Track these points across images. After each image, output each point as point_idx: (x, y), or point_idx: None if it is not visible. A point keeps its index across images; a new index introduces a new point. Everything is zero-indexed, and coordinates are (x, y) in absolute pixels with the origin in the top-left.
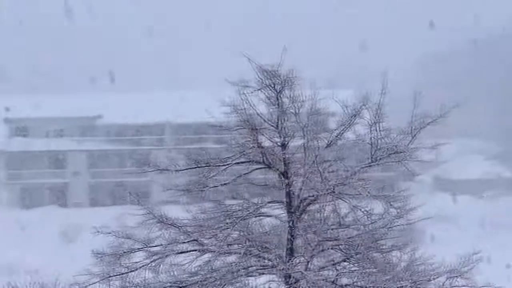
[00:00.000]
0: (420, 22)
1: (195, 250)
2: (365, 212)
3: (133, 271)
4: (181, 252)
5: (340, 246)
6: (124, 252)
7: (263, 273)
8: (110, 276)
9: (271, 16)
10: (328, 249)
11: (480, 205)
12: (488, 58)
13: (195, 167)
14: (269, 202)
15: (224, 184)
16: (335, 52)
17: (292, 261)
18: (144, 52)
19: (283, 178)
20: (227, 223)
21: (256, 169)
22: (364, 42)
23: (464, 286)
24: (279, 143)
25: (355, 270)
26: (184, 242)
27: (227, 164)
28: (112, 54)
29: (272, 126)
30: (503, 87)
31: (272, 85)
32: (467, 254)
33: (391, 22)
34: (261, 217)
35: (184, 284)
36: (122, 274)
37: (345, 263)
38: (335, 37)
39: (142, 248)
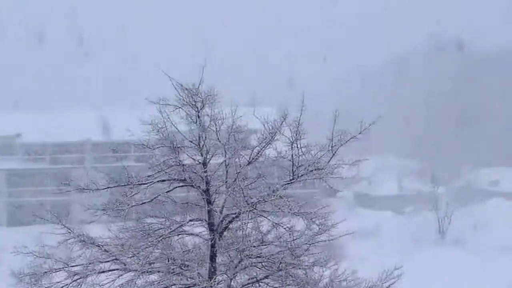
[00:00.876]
0: (344, 40)
1: (117, 269)
2: (286, 228)
3: None
4: (103, 272)
5: (262, 263)
6: (44, 272)
7: None
8: None
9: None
10: (250, 266)
11: (400, 221)
12: (408, 76)
13: (116, 186)
14: (190, 220)
15: (145, 202)
16: (257, 69)
17: (214, 279)
18: (65, 71)
19: (204, 196)
20: (148, 242)
21: (178, 187)
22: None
23: None
24: (200, 161)
25: (277, 287)
26: (105, 261)
27: (148, 183)
28: (32, 73)
29: (193, 144)
30: (422, 105)
31: (193, 103)
32: (388, 269)
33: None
34: (183, 235)
35: None
36: None
37: (267, 280)
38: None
39: (63, 268)
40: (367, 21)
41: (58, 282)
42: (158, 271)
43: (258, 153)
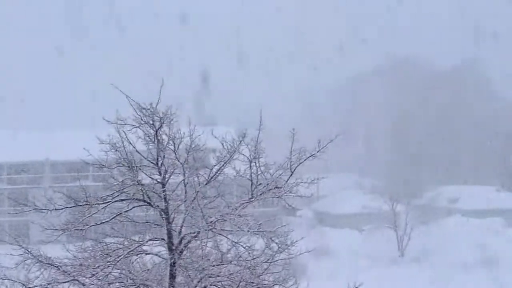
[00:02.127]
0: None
1: None
2: (246, 247)
3: None
4: None
5: (221, 282)
6: None
7: None
8: None
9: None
10: (209, 285)
11: (360, 239)
12: (367, 94)
13: (74, 206)
14: (150, 240)
15: (104, 222)
16: (215, 87)
17: None
18: (23, 91)
19: (163, 215)
20: (107, 262)
21: (136, 206)
22: (243, 76)
23: None
24: (159, 180)
25: None
26: (64, 282)
27: (107, 202)
28: None
29: (152, 163)
30: (381, 124)
31: (151, 122)
32: (348, 287)
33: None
34: (142, 255)
35: None
36: None
37: None
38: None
39: None
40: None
41: None
42: None
43: (217, 172)
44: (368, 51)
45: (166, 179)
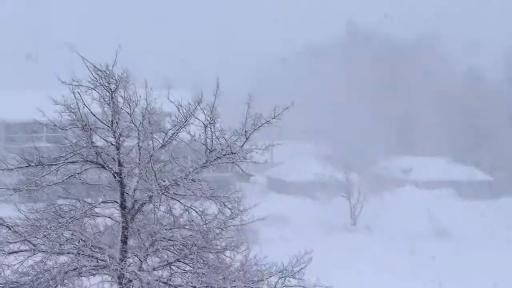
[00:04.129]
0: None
1: (26, 250)
2: (199, 212)
3: None
4: (12, 252)
5: (174, 246)
6: None
7: (96, 274)
8: None
9: (107, 13)
10: (161, 249)
11: (313, 207)
12: (326, 63)
13: (27, 166)
14: (102, 202)
15: (57, 183)
16: (171, 52)
17: (125, 261)
18: None
19: (117, 178)
20: (59, 223)
21: (90, 168)
22: (201, 42)
23: (295, 286)
24: (113, 143)
25: (189, 270)
26: (15, 242)
27: (60, 164)
28: None
29: (106, 125)
30: (339, 92)
31: (106, 84)
32: (299, 254)
33: (232, 22)
34: (95, 217)
35: (15, 285)
36: None
37: (179, 263)
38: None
39: None
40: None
41: None
42: (69, 253)
43: (171, 136)
44: (329, 22)
45: (121, 142)
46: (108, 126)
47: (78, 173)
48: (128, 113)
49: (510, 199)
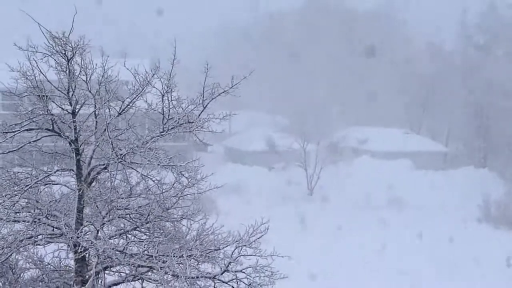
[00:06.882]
0: None
1: None
2: (155, 181)
3: None
4: None
5: (130, 215)
6: None
7: (52, 242)
8: None
9: None
10: (118, 217)
11: (270, 177)
12: (282, 33)
13: None
14: (58, 170)
15: (12, 151)
16: (128, 19)
17: (81, 229)
18: None
19: (73, 146)
20: (14, 191)
21: (46, 136)
22: (160, 9)
23: (251, 255)
24: (69, 111)
25: (145, 239)
26: None
27: (15, 131)
28: None
29: (63, 93)
30: (296, 62)
31: (63, 52)
32: (256, 224)
33: None
34: (50, 185)
35: None
36: None
37: (135, 232)
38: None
39: None
40: None
41: None
42: (24, 221)
43: (128, 105)
44: None
45: (77, 110)
46: (65, 94)
47: (34, 141)
48: (84, 81)
49: (464, 169)
